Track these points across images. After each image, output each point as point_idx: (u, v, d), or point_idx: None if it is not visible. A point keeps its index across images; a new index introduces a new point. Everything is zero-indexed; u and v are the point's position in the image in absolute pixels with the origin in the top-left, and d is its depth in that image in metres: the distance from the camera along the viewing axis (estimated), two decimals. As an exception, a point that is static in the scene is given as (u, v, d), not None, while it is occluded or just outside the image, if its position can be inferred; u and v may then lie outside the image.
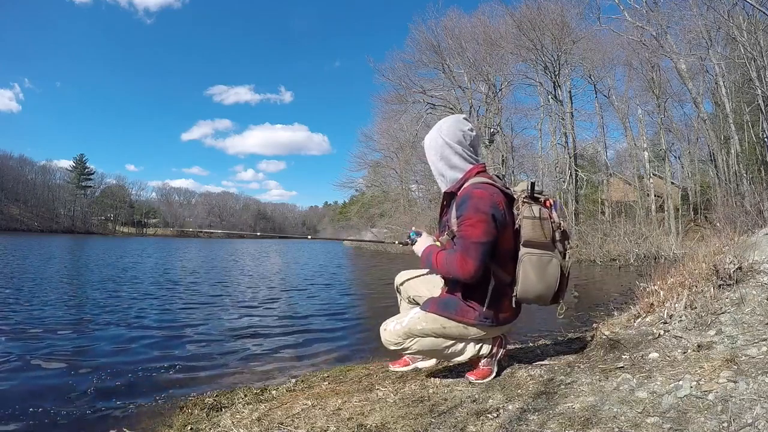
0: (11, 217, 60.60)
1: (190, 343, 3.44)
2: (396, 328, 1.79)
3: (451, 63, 21.60)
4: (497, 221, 1.61)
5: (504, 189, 1.70)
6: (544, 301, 1.70)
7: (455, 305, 1.73)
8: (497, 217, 1.61)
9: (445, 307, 1.74)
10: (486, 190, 1.64)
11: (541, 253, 1.65)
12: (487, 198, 1.61)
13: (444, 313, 1.73)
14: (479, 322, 1.71)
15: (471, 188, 1.66)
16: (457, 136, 1.73)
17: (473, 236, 1.59)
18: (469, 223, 1.60)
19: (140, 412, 2.05)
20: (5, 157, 67.23)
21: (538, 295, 1.67)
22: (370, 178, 33.60)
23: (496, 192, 1.66)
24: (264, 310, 5.04)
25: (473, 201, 1.61)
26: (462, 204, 1.64)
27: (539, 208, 1.65)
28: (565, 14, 18.09)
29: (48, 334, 3.59)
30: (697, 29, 14.10)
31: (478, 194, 1.62)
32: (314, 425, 1.53)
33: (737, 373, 1.42)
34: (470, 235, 1.60)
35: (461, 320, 1.71)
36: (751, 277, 2.40)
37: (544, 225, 1.64)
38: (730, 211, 9.50)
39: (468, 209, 1.61)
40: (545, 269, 1.65)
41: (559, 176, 19.07)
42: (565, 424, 1.30)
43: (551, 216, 1.68)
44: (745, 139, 16.19)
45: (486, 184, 1.67)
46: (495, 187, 1.68)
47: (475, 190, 1.64)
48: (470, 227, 1.60)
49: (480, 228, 1.59)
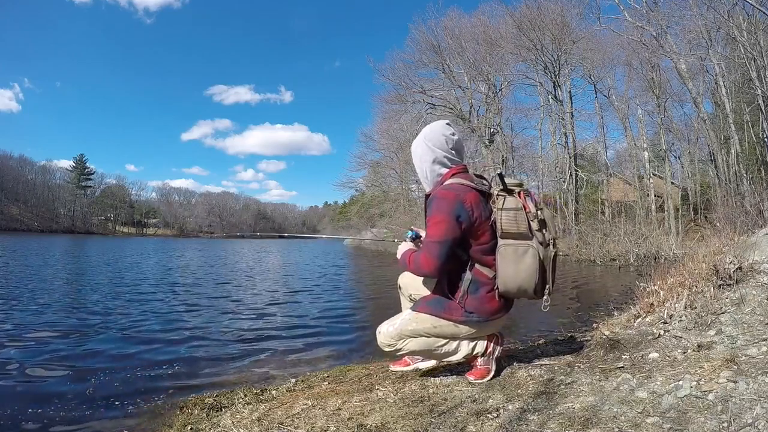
0: (11, 217, 60.59)
1: (190, 343, 3.44)
2: (389, 330, 1.83)
3: (451, 63, 21.60)
4: (461, 219, 1.65)
5: (478, 187, 1.74)
6: (526, 292, 1.70)
7: (443, 304, 1.76)
8: (461, 215, 1.65)
9: (433, 307, 1.78)
10: (451, 190, 1.69)
11: (517, 243, 1.67)
12: (451, 198, 1.66)
13: (433, 312, 1.77)
14: (467, 319, 1.74)
15: (439, 190, 1.73)
16: (439, 141, 1.79)
17: (433, 236, 1.66)
18: (431, 222, 1.68)
19: (140, 412, 2.06)
20: (5, 157, 67.23)
21: (518, 286, 1.68)
22: (370, 178, 33.62)
23: (464, 190, 1.70)
24: (264, 311, 5.04)
25: (436, 202, 1.68)
26: (429, 205, 1.72)
27: (513, 199, 1.69)
28: (565, 14, 18.11)
29: (48, 334, 3.59)
30: (697, 29, 14.10)
31: (441, 195, 1.69)
32: (314, 425, 1.53)
33: (737, 373, 1.42)
34: (431, 234, 1.67)
35: (450, 318, 1.75)
36: (751, 277, 2.41)
37: (518, 216, 1.67)
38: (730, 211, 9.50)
39: (432, 210, 1.68)
40: (521, 259, 1.66)
41: (559, 176, 19.09)
42: (565, 424, 1.30)
43: (526, 206, 1.69)
44: (745, 139, 16.18)
45: (456, 184, 1.72)
46: (465, 186, 1.71)
47: (440, 191, 1.71)
48: (432, 227, 1.67)
49: (439, 227, 1.65)
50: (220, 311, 4.90)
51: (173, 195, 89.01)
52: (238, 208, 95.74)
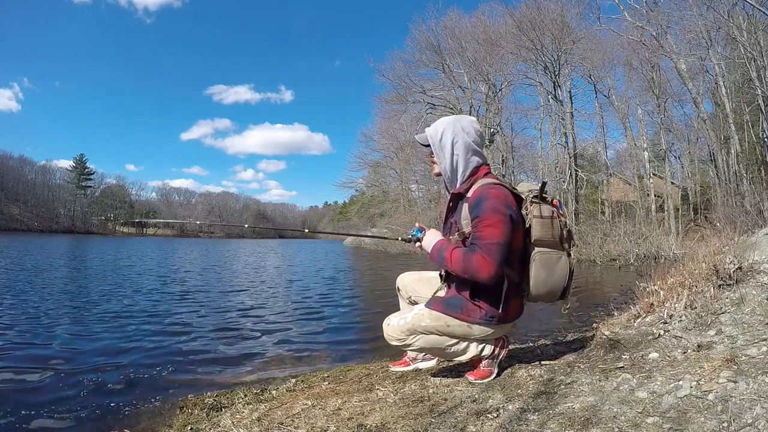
0: (11, 217, 60.54)
1: (190, 343, 3.44)
2: (400, 323, 1.77)
3: (451, 63, 21.62)
4: (513, 221, 1.62)
5: (513, 189, 1.72)
6: (553, 297, 1.74)
7: (461, 304, 1.73)
8: (513, 216, 1.62)
9: (449, 306, 1.74)
10: (501, 190, 1.66)
11: (551, 252, 1.69)
12: (503, 198, 1.63)
13: (448, 311, 1.73)
14: (485, 321, 1.71)
15: (486, 189, 1.65)
16: (471, 133, 1.75)
17: (493, 237, 1.57)
18: (487, 223, 1.58)
19: (140, 412, 2.05)
20: (5, 157, 67.18)
21: (548, 292, 1.71)
22: (370, 178, 33.65)
23: (509, 192, 1.69)
24: (264, 310, 5.04)
25: (490, 201, 1.60)
26: (478, 205, 1.62)
27: (548, 208, 1.69)
28: (565, 14, 18.09)
29: (48, 335, 3.59)
30: (697, 29, 14.09)
31: (495, 194, 1.62)
32: (314, 425, 1.53)
33: (737, 373, 1.42)
34: (490, 236, 1.57)
35: (466, 319, 1.71)
36: (751, 277, 2.41)
37: (554, 224, 1.68)
38: (730, 211, 9.50)
39: (485, 210, 1.59)
40: (555, 267, 1.69)
41: (559, 176, 19.06)
42: (565, 424, 1.30)
43: (559, 215, 1.71)
44: (745, 139, 16.18)
45: (502, 185, 1.69)
46: (506, 188, 1.70)
47: (491, 191, 1.63)
48: (489, 227, 1.58)
49: (499, 228, 1.58)
50: (220, 311, 4.90)
51: (173, 195, 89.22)
52: (238, 208, 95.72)
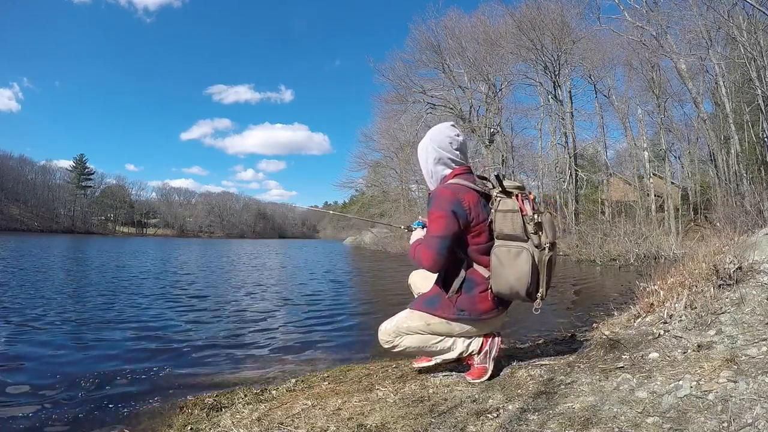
0: (11, 217, 60.52)
1: (190, 343, 3.44)
2: (388, 327, 1.88)
3: (451, 63, 21.62)
4: (459, 217, 1.68)
5: (477, 188, 1.77)
6: (518, 294, 1.70)
7: (438, 301, 1.81)
8: (459, 213, 1.68)
9: (428, 304, 1.83)
10: (450, 188, 1.74)
11: (511, 245, 1.69)
12: (449, 195, 1.71)
13: (427, 309, 1.82)
14: (458, 317, 1.77)
15: (439, 188, 1.78)
16: (444, 142, 1.83)
17: (433, 230, 1.71)
18: (431, 218, 1.73)
19: (140, 412, 2.05)
20: (5, 157, 67.14)
21: (510, 287, 1.69)
22: (370, 178, 33.60)
23: (463, 190, 1.73)
24: (263, 310, 5.03)
25: (436, 199, 1.73)
26: (429, 202, 1.77)
27: (510, 201, 1.71)
28: (565, 14, 18.11)
29: (47, 334, 3.59)
30: (697, 29, 14.09)
31: (440, 192, 1.74)
32: (314, 425, 1.53)
33: (737, 373, 1.42)
34: (431, 230, 1.73)
35: (442, 316, 1.79)
36: (751, 277, 2.41)
37: (513, 217, 1.69)
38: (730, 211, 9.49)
39: (432, 206, 1.73)
40: (514, 260, 1.67)
41: (559, 176, 19.09)
42: (565, 424, 1.30)
43: (523, 209, 1.71)
44: (745, 139, 16.18)
45: (456, 184, 1.77)
46: (464, 186, 1.75)
47: (439, 189, 1.76)
48: (432, 222, 1.72)
49: (438, 222, 1.69)
50: (220, 311, 4.90)
51: (173, 195, 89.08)
52: (238, 208, 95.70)
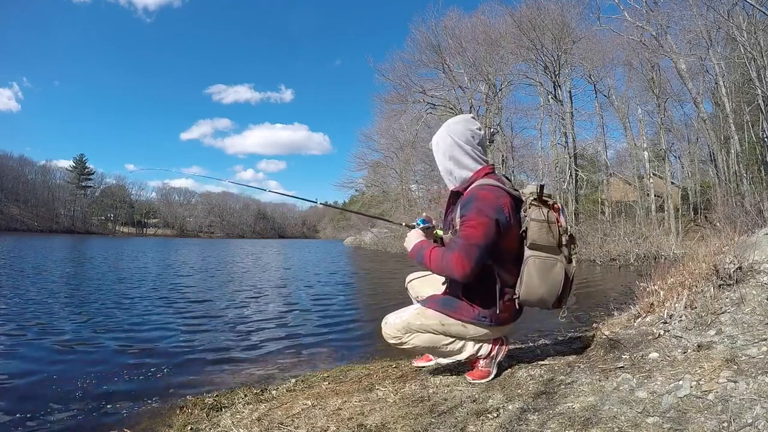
0: (11, 217, 60.51)
1: (190, 343, 3.44)
2: (396, 322, 1.80)
3: (451, 63, 21.57)
4: (500, 224, 1.61)
5: (511, 191, 1.69)
6: (546, 304, 1.69)
7: (454, 303, 1.75)
8: (500, 220, 1.61)
9: (444, 305, 1.76)
10: (491, 192, 1.64)
11: (546, 257, 1.64)
12: (492, 200, 1.62)
13: (443, 310, 1.75)
14: (478, 321, 1.73)
15: (477, 189, 1.66)
16: (465, 136, 1.73)
17: (473, 238, 1.59)
18: (470, 224, 1.60)
19: (140, 412, 2.05)
20: (5, 157, 67.14)
21: (540, 298, 1.66)
22: (370, 178, 33.59)
23: (503, 194, 1.66)
24: (264, 311, 5.04)
25: (477, 203, 1.61)
26: (466, 204, 1.64)
27: (547, 211, 1.65)
28: (565, 14, 18.08)
29: (48, 335, 3.59)
30: (697, 29, 14.08)
31: (483, 196, 1.63)
32: (314, 425, 1.53)
33: (737, 373, 1.42)
34: (470, 236, 1.60)
35: (459, 318, 1.73)
36: (751, 277, 2.40)
37: (551, 228, 1.63)
38: (730, 211, 9.48)
39: (471, 210, 1.61)
40: (549, 272, 1.64)
41: (559, 176, 19.05)
42: (565, 424, 1.30)
43: (559, 220, 1.67)
44: (745, 139, 16.17)
45: (492, 186, 1.67)
46: (502, 190, 1.67)
47: (480, 192, 1.65)
48: (471, 228, 1.60)
49: (481, 230, 1.59)
50: (220, 311, 4.90)
51: (173, 195, 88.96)
52: (238, 208, 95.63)
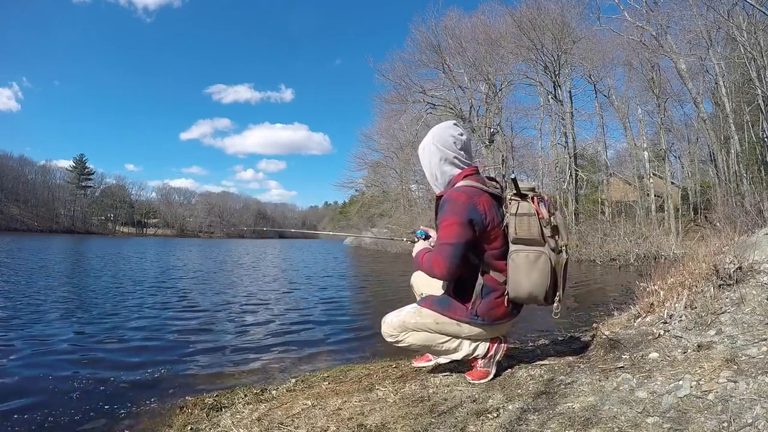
0: (11, 217, 60.47)
1: (189, 343, 3.44)
2: (393, 320, 1.85)
3: (451, 63, 21.57)
4: (474, 223, 1.63)
5: (490, 190, 1.72)
6: (537, 299, 1.67)
7: (449, 302, 1.78)
8: (474, 219, 1.63)
9: (439, 304, 1.80)
10: (463, 192, 1.67)
11: (529, 249, 1.65)
12: (463, 201, 1.65)
13: (437, 309, 1.79)
14: (471, 320, 1.74)
15: (451, 191, 1.71)
16: (448, 142, 1.77)
17: (445, 237, 1.64)
18: (444, 224, 1.65)
19: (140, 412, 2.05)
20: (5, 157, 67.07)
21: (529, 292, 1.65)
22: (370, 178, 33.60)
23: (477, 193, 1.68)
24: (264, 311, 5.04)
25: (449, 204, 1.66)
26: (441, 207, 1.70)
27: (526, 204, 1.66)
28: (565, 14, 18.09)
29: (48, 335, 3.59)
30: (697, 29, 14.08)
31: (455, 197, 1.67)
32: (314, 425, 1.53)
33: (737, 373, 1.42)
34: (443, 236, 1.65)
35: (452, 317, 1.76)
36: (751, 277, 2.40)
37: (530, 221, 1.64)
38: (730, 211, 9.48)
39: (445, 212, 1.66)
40: (533, 265, 1.64)
41: (559, 176, 19.06)
42: (565, 424, 1.30)
43: (540, 212, 1.67)
44: (745, 139, 16.17)
45: (467, 186, 1.70)
46: (477, 189, 1.69)
47: (453, 194, 1.68)
48: (444, 228, 1.65)
49: (452, 230, 1.63)
50: (220, 311, 4.90)
51: (173, 195, 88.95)
52: (239, 207, 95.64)
